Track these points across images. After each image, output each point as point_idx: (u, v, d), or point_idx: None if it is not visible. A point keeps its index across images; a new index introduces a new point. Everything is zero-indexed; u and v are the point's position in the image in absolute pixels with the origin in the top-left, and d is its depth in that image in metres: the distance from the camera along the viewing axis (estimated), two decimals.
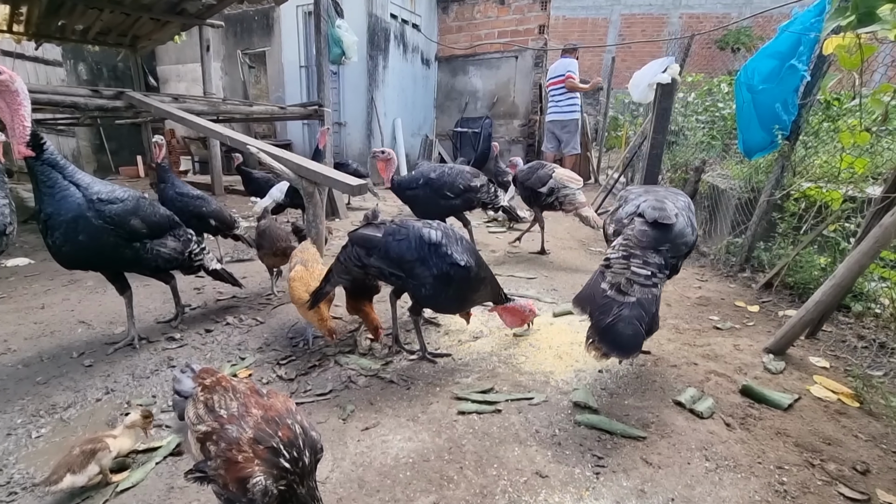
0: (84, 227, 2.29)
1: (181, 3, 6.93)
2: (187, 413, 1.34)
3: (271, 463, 1.17)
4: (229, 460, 1.16)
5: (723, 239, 4.17)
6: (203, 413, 1.28)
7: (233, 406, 1.28)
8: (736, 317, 3.09)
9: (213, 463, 1.18)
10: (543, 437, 1.89)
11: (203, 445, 1.23)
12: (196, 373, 1.48)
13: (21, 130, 2.14)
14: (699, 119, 5.93)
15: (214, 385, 1.36)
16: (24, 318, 3.05)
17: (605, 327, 1.88)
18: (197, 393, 1.36)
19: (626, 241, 2.10)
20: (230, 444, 1.18)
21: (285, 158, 3.40)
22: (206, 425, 1.25)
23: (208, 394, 1.33)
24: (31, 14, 7.04)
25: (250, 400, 1.30)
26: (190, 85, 10.57)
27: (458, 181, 4.07)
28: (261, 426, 1.22)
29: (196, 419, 1.28)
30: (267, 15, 9.81)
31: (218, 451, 1.18)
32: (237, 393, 1.33)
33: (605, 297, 1.94)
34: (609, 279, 1.99)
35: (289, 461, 1.19)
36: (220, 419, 1.24)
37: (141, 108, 4.93)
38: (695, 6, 17.86)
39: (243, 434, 1.19)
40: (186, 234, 2.86)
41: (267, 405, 1.29)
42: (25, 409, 2.10)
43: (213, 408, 1.28)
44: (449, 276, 2.22)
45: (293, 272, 2.56)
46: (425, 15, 10.36)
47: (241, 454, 1.16)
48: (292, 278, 2.52)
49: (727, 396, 2.17)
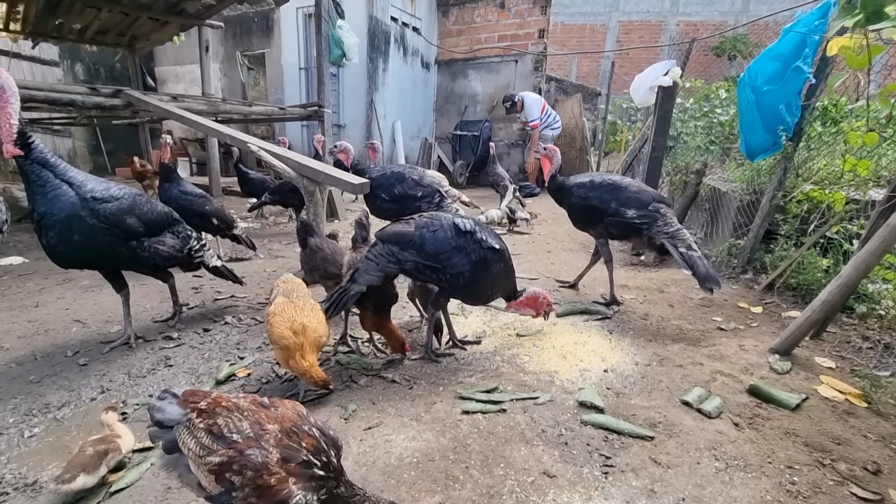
0: (78, 226, 2.25)
1: (180, 3, 6.91)
2: (184, 444, 1.19)
3: (306, 476, 1.12)
4: (260, 487, 1.08)
5: (724, 241, 4.16)
6: (209, 442, 1.15)
7: (245, 427, 1.16)
8: (739, 318, 3.07)
9: (240, 493, 1.09)
10: (550, 436, 1.86)
11: (220, 477, 1.11)
12: (180, 397, 1.29)
13: (7, 129, 2.09)
14: (697, 124, 5.95)
15: (213, 407, 1.21)
16: (18, 317, 2.99)
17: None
18: (193, 420, 1.20)
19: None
20: (258, 471, 1.09)
21: (286, 157, 3.38)
22: (218, 456, 1.12)
23: (208, 419, 1.18)
24: (29, 12, 7.00)
25: (261, 416, 1.19)
26: (188, 86, 10.53)
27: (396, 186, 3.80)
28: (283, 442, 1.14)
29: (202, 450, 1.14)
30: (267, 16, 9.80)
31: (244, 480, 1.09)
32: (243, 411, 1.20)
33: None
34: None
35: (321, 468, 1.14)
36: (235, 445, 1.12)
37: (139, 106, 4.90)
38: (692, 14, 18.03)
39: (269, 456, 1.11)
40: (186, 231, 2.81)
41: (279, 417, 1.20)
42: (18, 409, 2.04)
43: (222, 433, 1.15)
44: (486, 260, 2.27)
45: (273, 305, 2.05)
46: (425, 18, 10.38)
47: (273, 477, 1.08)
48: (272, 313, 2.00)
49: (734, 396, 2.14)
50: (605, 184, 3.24)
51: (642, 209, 3.08)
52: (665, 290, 3.63)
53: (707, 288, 2.78)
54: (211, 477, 1.13)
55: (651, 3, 18.44)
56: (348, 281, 2.29)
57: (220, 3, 6.97)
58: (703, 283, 2.79)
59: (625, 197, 3.14)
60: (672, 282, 3.79)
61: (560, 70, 17.12)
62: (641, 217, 3.07)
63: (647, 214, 3.07)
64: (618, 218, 3.13)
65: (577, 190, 3.32)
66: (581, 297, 3.48)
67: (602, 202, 3.18)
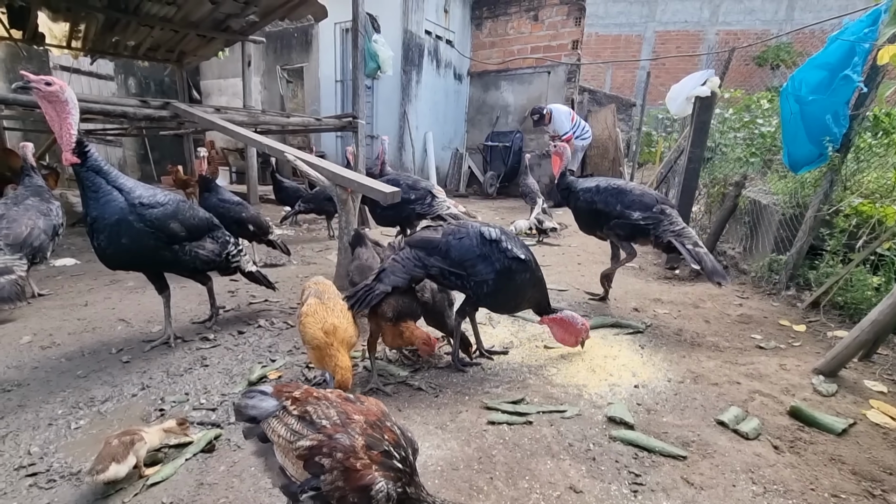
0: (126, 229, 2.37)
1: (226, 21, 7.27)
2: (275, 432, 1.24)
3: (387, 466, 1.16)
4: (348, 469, 1.13)
5: (765, 256, 3.99)
6: (300, 427, 1.21)
7: (332, 415, 1.22)
8: (781, 336, 2.93)
9: (329, 476, 1.13)
10: (577, 451, 1.82)
11: (309, 461, 1.17)
12: (271, 391, 1.36)
13: (68, 139, 2.24)
14: (737, 135, 5.76)
15: (305, 397, 1.29)
16: (69, 315, 3.18)
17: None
18: (287, 407, 1.27)
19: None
20: (346, 453, 1.14)
21: (321, 166, 3.47)
22: (309, 440, 1.18)
23: (301, 406, 1.26)
24: (88, 31, 7.51)
25: (347, 407, 1.26)
26: (230, 98, 11.01)
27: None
28: (368, 432, 1.19)
29: (292, 435, 1.21)
30: (306, 32, 10.17)
31: (333, 462, 1.14)
32: (331, 402, 1.27)
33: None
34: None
35: (400, 462, 1.18)
36: (324, 430, 1.19)
37: (185, 118, 5.15)
38: (732, 23, 17.57)
39: (356, 441, 1.16)
40: (224, 237, 2.92)
41: (364, 410, 1.26)
42: (66, 401, 2.16)
43: (312, 420, 1.22)
44: (510, 270, 2.27)
45: (305, 306, 2.13)
46: (459, 31, 10.52)
47: (359, 461, 1.13)
48: (304, 313, 2.08)
49: (774, 418, 2.04)
50: (610, 188, 3.35)
51: (647, 211, 3.19)
52: (700, 305, 3.51)
53: (715, 282, 2.91)
54: (300, 463, 1.18)
55: (689, 13, 18.10)
56: (374, 280, 2.31)
57: (263, 19, 7.28)
58: (712, 278, 2.92)
59: (629, 200, 3.25)
60: (708, 297, 3.66)
61: (594, 81, 16.97)
62: (646, 218, 3.18)
63: (652, 216, 3.17)
64: (623, 220, 3.25)
65: (584, 194, 3.42)
66: (612, 310, 3.40)
67: (607, 205, 3.30)
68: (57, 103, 2.18)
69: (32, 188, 3.55)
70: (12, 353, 2.61)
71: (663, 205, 3.24)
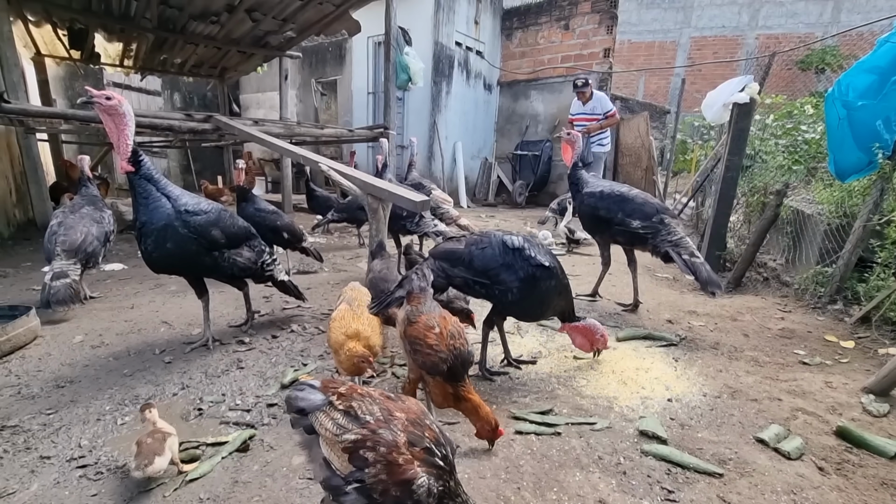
0: (172, 235, 2.50)
1: (265, 37, 7.59)
2: (321, 425, 1.27)
3: (429, 463, 1.19)
4: (391, 463, 1.15)
5: (809, 268, 3.82)
6: (345, 422, 1.24)
7: (376, 411, 1.25)
8: (826, 352, 2.79)
9: (372, 469, 1.16)
10: (607, 464, 1.78)
11: (354, 455, 1.19)
12: (319, 385, 1.38)
13: (124, 148, 2.40)
14: (779, 143, 5.55)
15: (351, 392, 1.31)
16: (117, 317, 3.35)
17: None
18: (333, 402, 1.30)
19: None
20: (389, 448, 1.17)
21: (352, 176, 3.56)
22: (354, 433, 1.21)
23: (346, 401, 1.28)
24: (139, 50, 7.98)
25: (389, 404, 1.28)
26: (268, 111, 11.43)
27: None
28: (409, 429, 1.22)
29: (338, 429, 1.23)
30: (340, 46, 10.47)
31: (377, 456, 1.16)
32: (374, 398, 1.30)
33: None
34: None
35: (441, 459, 1.21)
36: (368, 425, 1.21)
37: (225, 130, 5.39)
38: (773, 26, 17.01)
39: (399, 437, 1.19)
40: (260, 246, 3.03)
41: (405, 408, 1.29)
42: (113, 398, 2.28)
43: (357, 415, 1.24)
44: (535, 277, 2.26)
45: (336, 311, 2.24)
46: (489, 42, 10.61)
47: (402, 456, 1.16)
48: (333, 318, 2.19)
49: (819, 438, 1.94)
50: (613, 194, 3.39)
51: (646, 220, 3.25)
52: (739, 318, 3.38)
53: (710, 292, 3.02)
54: (344, 456, 1.21)
55: (727, 18, 17.64)
56: (396, 286, 2.37)
57: (300, 35, 7.56)
58: (706, 287, 3.03)
59: (630, 208, 3.30)
60: (747, 310, 3.52)
61: (626, 89, 16.71)
62: (645, 227, 3.24)
63: (651, 225, 3.23)
64: (623, 227, 3.30)
65: (588, 199, 3.48)
66: (644, 322, 3.33)
67: (609, 212, 3.35)
68: (116, 116, 2.34)
69: (88, 197, 3.79)
70: (66, 351, 2.77)
71: (663, 214, 3.29)
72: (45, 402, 2.23)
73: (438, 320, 1.89)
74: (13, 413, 2.13)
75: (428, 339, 1.81)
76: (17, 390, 2.33)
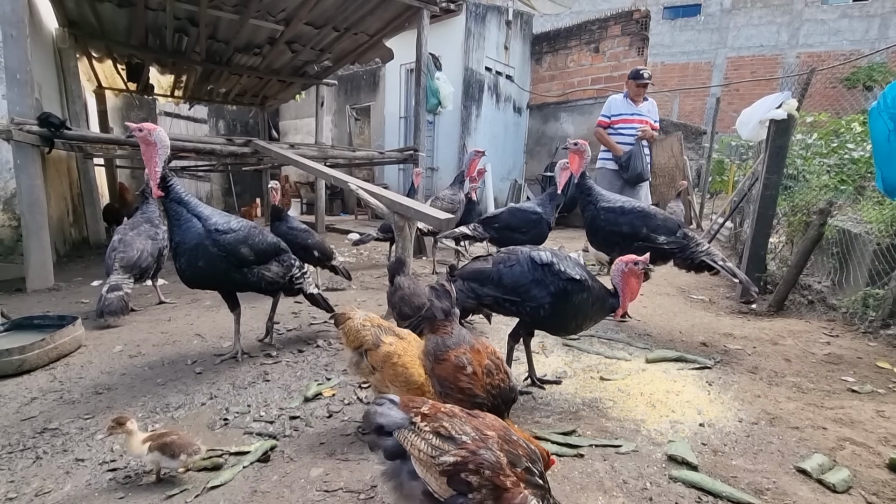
0: (203, 253, 2.60)
1: (303, 67, 7.98)
2: (413, 445, 1.17)
3: (532, 483, 1.12)
4: (498, 488, 1.07)
5: (857, 290, 3.59)
6: (439, 443, 1.14)
7: (469, 430, 1.16)
8: (879, 380, 2.59)
9: (477, 495, 1.07)
10: (632, 489, 1.70)
11: (453, 478, 1.10)
12: (399, 402, 1.29)
13: (154, 174, 2.56)
14: (824, 161, 5.32)
15: (434, 412, 1.22)
16: (154, 328, 3.50)
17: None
18: (417, 424, 1.20)
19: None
20: (494, 470, 1.09)
21: (380, 194, 3.65)
22: (452, 455, 1.11)
23: (433, 422, 1.19)
24: (189, 81, 8.54)
25: (475, 422, 1.20)
26: (305, 136, 11.93)
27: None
28: (505, 447, 1.14)
29: (433, 450, 1.13)
30: (374, 73, 10.88)
31: (482, 480, 1.08)
32: (460, 416, 1.21)
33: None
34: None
35: (539, 478, 1.14)
36: (465, 445, 1.12)
37: (263, 153, 5.65)
38: (815, 44, 16.54)
39: (500, 457, 1.11)
40: (290, 260, 3.10)
41: (489, 425, 1.21)
42: (146, 406, 2.36)
43: (451, 435, 1.15)
44: (566, 291, 2.21)
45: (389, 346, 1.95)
46: (519, 66, 10.77)
47: (508, 479, 1.09)
48: (394, 353, 1.92)
49: (869, 470, 1.79)
50: (635, 210, 3.37)
51: (671, 235, 3.26)
52: (780, 342, 3.20)
53: (750, 294, 3.38)
54: (443, 479, 1.11)
55: (765, 37, 17.30)
56: (427, 310, 2.35)
57: (336, 64, 7.92)
58: (749, 288, 3.25)
59: (654, 224, 3.29)
60: (789, 333, 3.33)
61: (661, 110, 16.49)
62: (670, 243, 3.25)
63: (676, 240, 3.25)
64: (648, 243, 3.25)
65: (606, 213, 3.41)
66: (677, 344, 3.20)
67: (633, 227, 3.31)
68: (148, 144, 2.51)
69: (147, 214, 4.09)
70: (106, 360, 2.91)
71: (684, 229, 3.33)
72: (84, 407, 2.34)
73: (471, 356, 1.67)
74: (54, 416, 2.24)
75: (460, 383, 1.62)
76: (59, 395, 2.46)
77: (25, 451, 1.97)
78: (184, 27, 6.40)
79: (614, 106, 5.68)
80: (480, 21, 9.56)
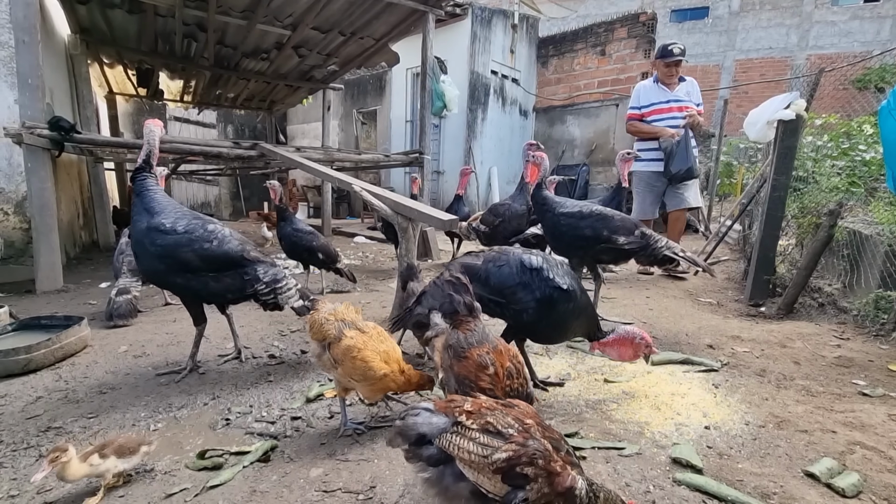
0: (141, 251, 2.53)
1: (310, 71, 8.04)
2: (460, 448, 1.15)
3: (574, 464, 1.15)
4: (551, 474, 1.09)
5: (869, 292, 3.52)
6: (488, 440, 1.14)
7: (512, 422, 1.16)
8: (890, 383, 2.53)
9: (535, 485, 1.08)
10: (635, 492, 1.67)
11: (508, 473, 1.09)
12: (434, 408, 1.26)
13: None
14: (835, 163, 5.24)
15: (477, 408, 1.21)
16: (160, 329, 3.53)
17: None
18: (463, 423, 1.18)
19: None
20: (546, 458, 1.10)
21: (384, 196, 3.65)
22: (504, 451, 1.11)
23: (479, 418, 1.18)
24: (198, 86, 8.64)
25: (513, 412, 1.20)
26: (312, 140, 12.02)
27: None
28: (546, 434, 1.16)
29: (484, 449, 1.12)
30: (380, 78, 10.94)
31: (537, 470, 1.09)
32: (499, 409, 1.21)
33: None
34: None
35: (575, 457, 1.18)
36: (513, 438, 1.13)
37: (270, 156, 5.68)
38: (825, 46, 16.39)
39: (546, 444, 1.12)
40: (255, 273, 2.66)
41: (525, 413, 1.22)
42: (149, 405, 2.37)
43: (499, 430, 1.15)
44: (552, 299, 2.17)
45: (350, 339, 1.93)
46: (524, 69, 10.77)
47: (557, 465, 1.11)
48: (353, 347, 1.90)
49: (880, 475, 1.75)
50: (594, 213, 3.40)
51: (630, 235, 3.31)
52: (789, 344, 3.14)
53: (711, 273, 3.45)
54: (496, 477, 1.10)
55: (774, 39, 17.17)
56: (414, 303, 2.34)
57: (342, 68, 7.97)
58: (708, 270, 3.41)
59: (614, 225, 3.33)
60: (798, 336, 3.27)
61: None
62: (631, 243, 3.30)
63: (635, 240, 3.31)
64: (610, 244, 3.32)
65: (566, 219, 3.43)
66: (683, 346, 3.15)
67: (595, 230, 3.34)
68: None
69: None
70: (111, 360, 2.93)
71: (640, 227, 3.37)
72: (88, 406, 2.36)
73: (493, 356, 1.61)
74: (59, 416, 2.26)
75: (481, 383, 1.55)
76: (64, 394, 2.47)
77: (29, 449, 1.99)
78: (192, 33, 6.48)
79: (644, 95, 4.89)
80: (486, 25, 9.58)
